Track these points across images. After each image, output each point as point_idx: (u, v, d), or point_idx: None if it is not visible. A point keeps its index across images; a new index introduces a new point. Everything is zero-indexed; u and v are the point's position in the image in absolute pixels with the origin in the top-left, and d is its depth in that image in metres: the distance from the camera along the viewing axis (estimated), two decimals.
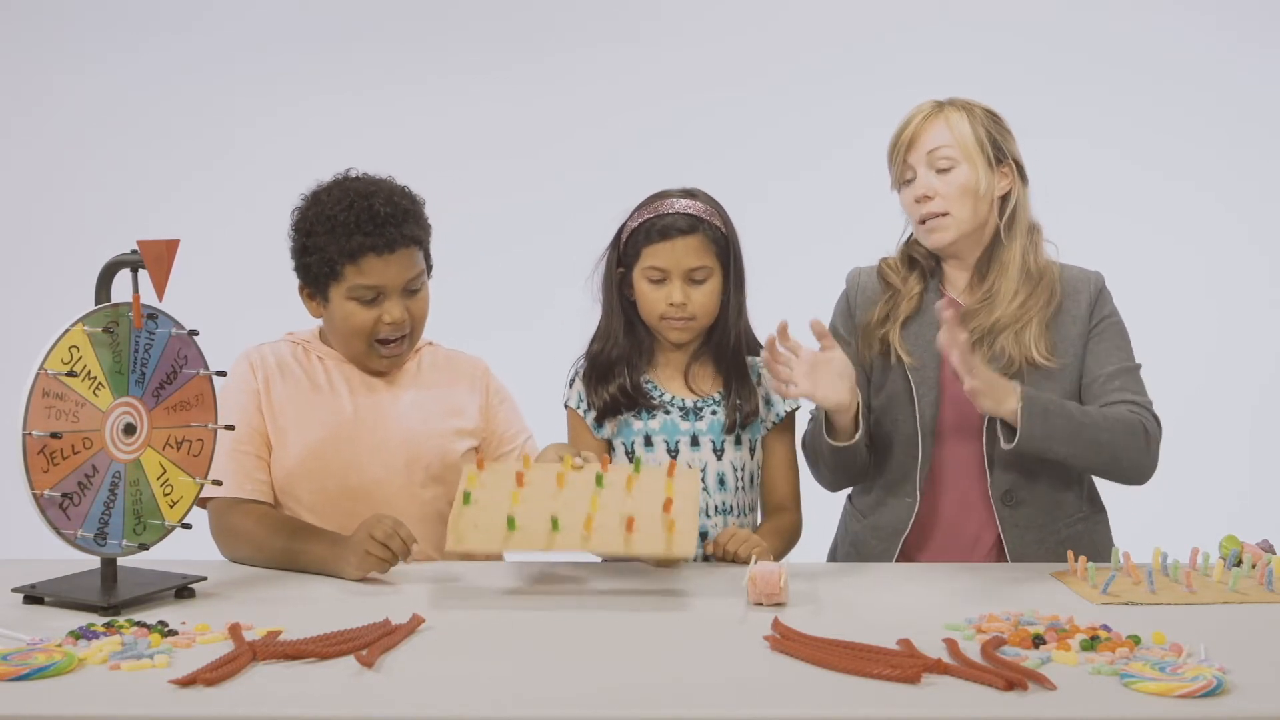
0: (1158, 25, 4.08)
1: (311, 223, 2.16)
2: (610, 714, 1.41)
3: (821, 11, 4.14)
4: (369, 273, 2.14)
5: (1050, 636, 1.62)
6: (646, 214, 2.23)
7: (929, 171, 2.18)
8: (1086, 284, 2.24)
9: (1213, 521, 2.54)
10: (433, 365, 2.32)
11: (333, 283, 2.16)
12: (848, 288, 2.34)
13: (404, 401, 2.24)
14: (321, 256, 2.15)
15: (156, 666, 1.52)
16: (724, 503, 2.25)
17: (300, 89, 4.16)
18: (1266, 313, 4.09)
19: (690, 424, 2.26)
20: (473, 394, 2.31)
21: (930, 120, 2.19)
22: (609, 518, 1.89)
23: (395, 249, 2.14)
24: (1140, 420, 2.13)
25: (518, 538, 1.80)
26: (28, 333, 1.89)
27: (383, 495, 2.18)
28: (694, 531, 1.90)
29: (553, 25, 4.19)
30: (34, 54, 4.19)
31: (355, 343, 2.20)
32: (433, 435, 2.23)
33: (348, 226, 2.12)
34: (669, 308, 2.21)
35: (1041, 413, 2.04)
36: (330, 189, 2.19)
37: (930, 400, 2.21)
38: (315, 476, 2.17)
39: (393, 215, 2.14)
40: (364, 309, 2.16)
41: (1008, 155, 2.20)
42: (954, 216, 2.18)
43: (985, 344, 2.18)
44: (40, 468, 1.71)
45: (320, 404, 2.20)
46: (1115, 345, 2.21)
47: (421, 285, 2.21)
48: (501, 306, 3.86)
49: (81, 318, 1.77)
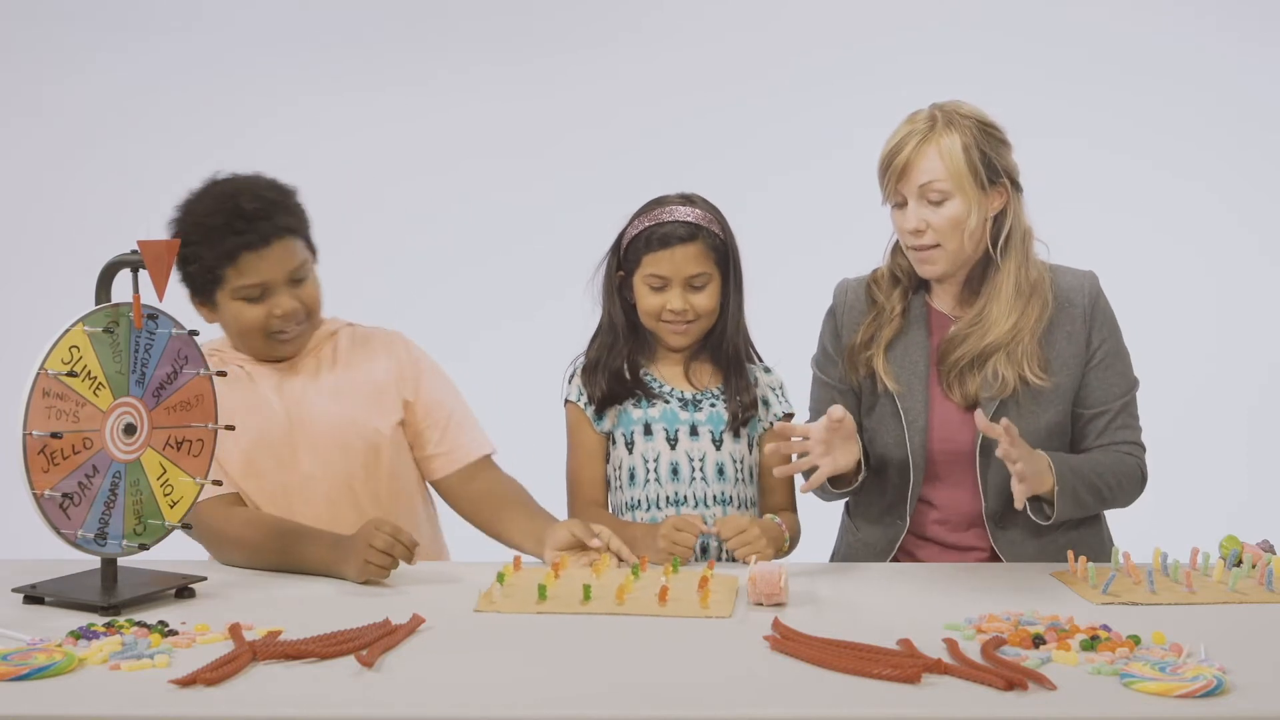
0: (1158, 25, 4.08)
1: (186, 232, 2.13)
2: (610, 714, 1.41)
3: (821, 12, 4.13)
4: (248, 271, 2.12)
5: (1050, 636, 1.62)
6: (646, 221, 2.23)
7: (920, 203, 2.12)
8: (1080, 292, 2.19)
9: (1213, 521, 2.54)
10: (350, 346, 2.29)
11: (217, 287, 2.14)
12: (834, 304, 2.31)
13: (326, 391, 2.22)
14: (201, 264, 2.13)
15: (156, 666, 1.52)
16: (723, 493, 2.25)
17: (300, 89, 4.15)
18: (1266, 313, 4.09)
19: (690, 414, 2.26)
20: (389, 367, 2.28)
21: (923, 148, 2.11)
22: (642, 590, 1.88)
23: (270, 242, 2.12)
24: (1139, 465, 2.20)
25: (548, 605, 1.80)
26: (28, 333, 1.89)
27: (319, 490, 2.17)
28: (730, 600, 1.85)
29: (553, 25, 4.19)
30: (34, 54, 4.19)
31: (252, 339, 2.18)
32: (358, 420, 2.21)
33: (219, 229, 2.11)
34: (669, 314, 2.22)
35: (1072, 493, 2.08)
36: (199, 196, 2.18)
37: (919, 427, 2.19)
38: (253, 478, 2.16)
39: (261, 209, 2.12)
40: (252, 306, 2.15)
41: (1001, 171, 2.14)
42: (945, 249, 2.13)
43: (976, 367, 2.16)
44: (40, 468, 1.71)
45: (249, 408, 2.16)
46: (1118, 374, 2.20)
47: (306, 274, 2.19)
48: (501, 306, 3.85)
49: (82, 318, 1.77)
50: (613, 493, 2.31)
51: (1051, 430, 2.18)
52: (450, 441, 2.29)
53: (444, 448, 2.29)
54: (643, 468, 2.26)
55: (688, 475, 2.25)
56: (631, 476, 2.26)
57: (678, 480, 2.25)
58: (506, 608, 1.79)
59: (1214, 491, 3.80)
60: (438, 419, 2.29)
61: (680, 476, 2.25)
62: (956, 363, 2.17)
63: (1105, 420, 2.20)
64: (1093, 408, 2.20)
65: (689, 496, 2.25)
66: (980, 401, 2.16)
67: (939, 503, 2.22)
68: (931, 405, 2.20)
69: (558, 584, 1.90)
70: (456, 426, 2.30)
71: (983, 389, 2.15)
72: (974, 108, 2.17)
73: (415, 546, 1.96)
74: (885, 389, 2.21)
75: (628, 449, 2.26)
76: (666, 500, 2.25)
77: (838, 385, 2.28)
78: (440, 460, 2.29)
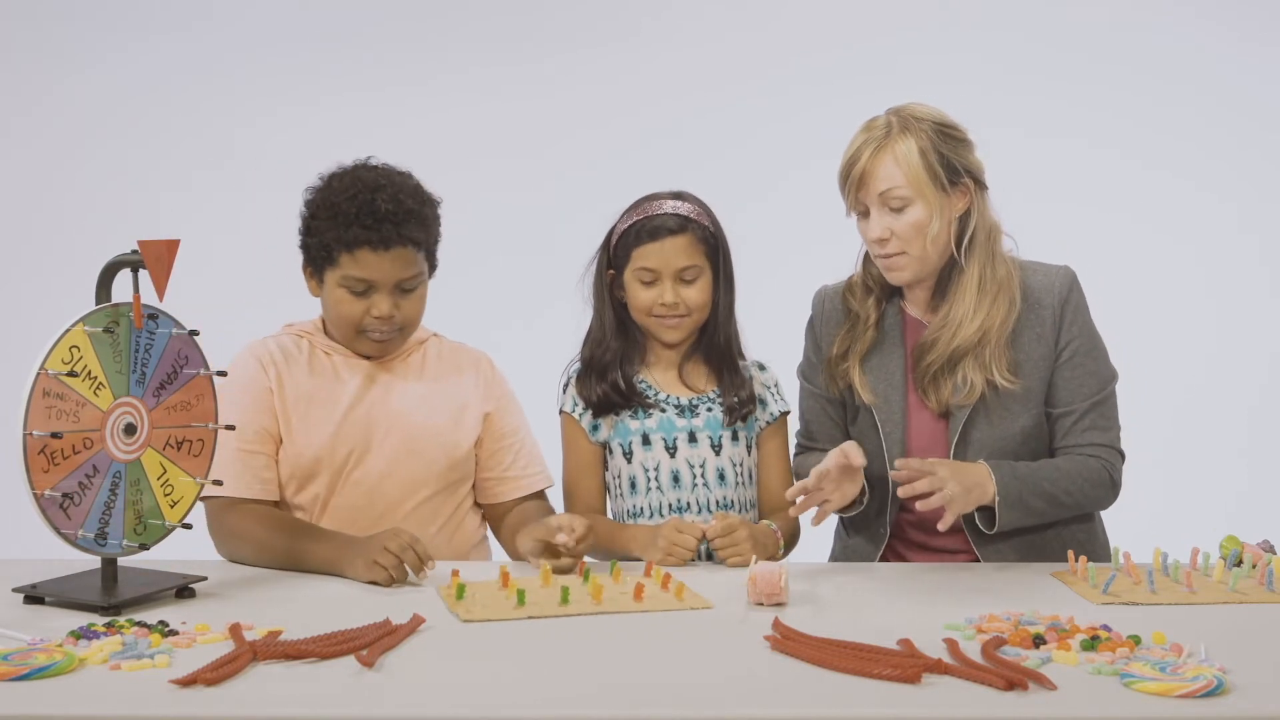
0: (1158, 25, 4.07)
1: (317, 206, 2.18)
2: (610, 714, 1.41)
3: (821, 12, 4.13)
4: (362, 266, 2.15)
5: (1050, 636, 1.62)
6: (636, 216, 2.23)
7: (882, 210, 2.11)
8: (1050, 291, 2.16)
9: (1213, 521, 2.54)
10: (438, 358, 2.32)
11: (328, 267, 2.18)
12: (813, 315, 2.31)
13: (410, 396, 2.25)
14: (320, 240, 2.17)
15: (157, 666, 1.52)
16: (724, 498, 2.25)
17: (300, 89, 4.15)
18: (1266, 312, 4.09)
19: (687, 421, 2.26)
20: (476, 388, 2.31)
21: (878, 156, 2.09)
22: (615, 591, 1.88)
23: (391, 246, 2.14)
24: (1105, 470, 2.16)
25: (528, 609, 1.79)
26: (28, 333, 1.89)
27: (383, 489, 2.19)
28: (699, 597, 1.86)
29: (553, 25, 4.19)
30: (34, 54, 4.19)
31: (344, 329, 2.22)
32: (437, 430, 2.24)
33: (348, 217, 2.13)
34: (661, 307, 2.21)
35: (1018, 501, 2.06)
36: (342, 175, 2.20)
37: (896, 439, 2.18)
38: (322, 470, 2.18)
39: (394, 213, 2.14)
40: (354, 299, 2.17)
41: (962, 171, 2.12)
42: (910, 255, 2.12)
43: (948, 372, 2.15)
44: (41, 468, 1.71)
45: (328, 399, 2.21)
46: (1087, 372, 2.16)
47: (417, 285, 2.21)
48: (501, 307, 3.85)
49: (82, 318, 1.77)
50: (614, 500, 2.31)
51: (1027, 435, 2.16)
52: (519, 469, 2.32)
53: (513, 473, 2.32)
54: (643, 476, 2.25)
55: (689, 482, 2.24)
56: (633, 485, 2.26)
57: (679, 487, 2.24)
58: (485, 615, 1.76)
59: (1214, 491, 3.80)
60: (512, 444, 2.32)
61: (682, 484, 2.24)
62: (929, 368, 2.15)
63: (1072, 420, 2.17)
64: (1060, 407, 2.17)
65: (691, 503, 2.24)
66: (951, 409, 2.15)
67: (920, 512, 2.20)
68: (909, 415, 2.19)
69: (535, 589, 1.88)
70: (527, 455, 2.34)
71: (954, 395, 2.14)
72: (930, 109, 2.14)
73: (429, 562, 1.96)
74: (864, 401, 2.20)
75: (626, 459, 2.26)
76: (669, 507, 2.24)
77: (824, 394, 2.28)
78: (507, 485, 2.32)
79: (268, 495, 2.16)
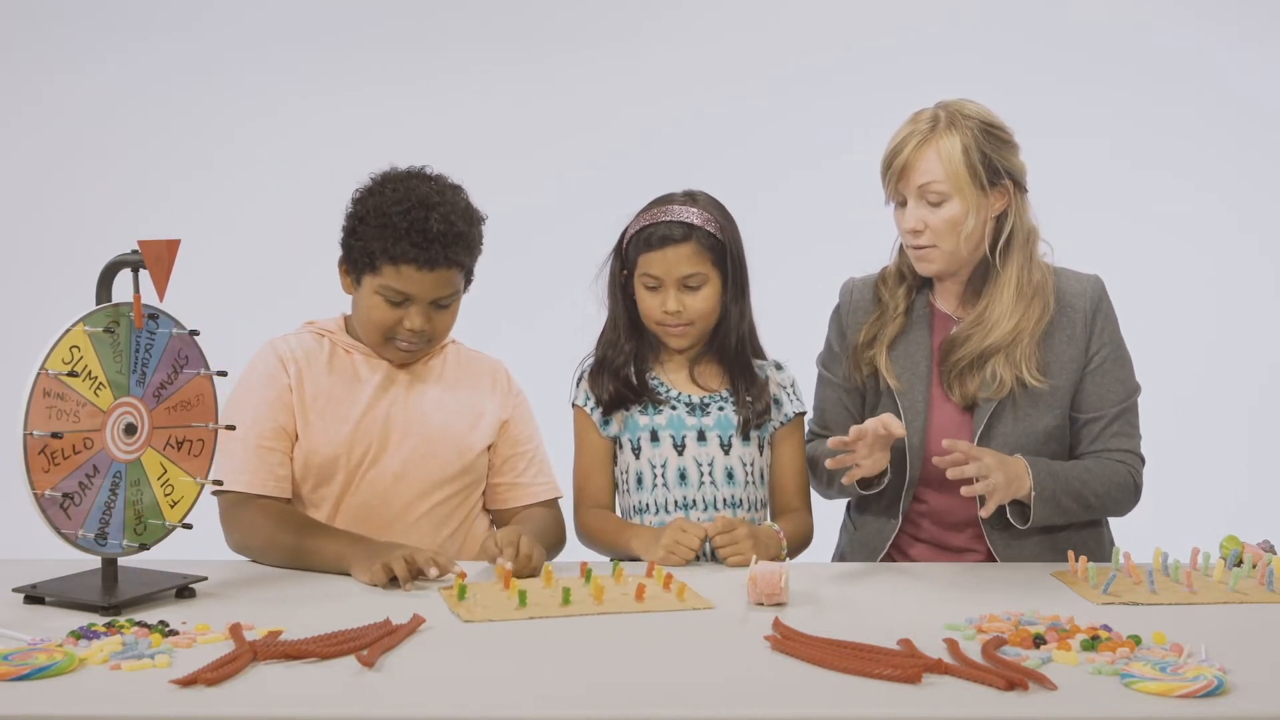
0: (1158, 25, 4.07)
1: (367, 210, 2.16)
2: (610, 714, 1.41)
3: (821, 12, 4.13)
4: (405, 280, 2.14)
5: (1051, 636, 1.62)
6: (644, 220, 2.23)
7: (919, 203, 2.13)
8: (1082, 296, 2.20)
9: (1213, 521, 2.54)
10: (456, 363, 2.33)
11: (368, 273, 2.17)
12: (840, 303, 2.33)
13: (429, 399, 2.26)
14: (365, 246, 2.16)
15: (157, 666, 1.52)
16: (733, 496, 2.25)
17: (300, 89, 4.15)
18: (1267, 312, 4.09)
19: (697, 419, 2.26)
20: (494, 396, 2.32)
21: (922, 149, 2.12)
22: (616, 592, 1.88)
23: (436, 267, 2.14)
24: (1132, 475, 2.18)
25: (530, 610, 1.79)
26: (28, 333, 1.89)
27: (397, 490, 2.20)
28: (700, 597, 1.86)
29: (553, 25, 4.19)
30: (33, 54, 4.19)
31: (373, 335, 2.21)
32: (454, 434, 2.25)
33: (398, 230, 2.12)
34: (665, 315, 2.21)
35: (1051, 498, 2.08)
36: (397, 184, 2.18)
37: (918, 426, 2.19)
38: (338, 469, 2.18)
39: (444, 234, 2.13)
40: (389, 308, 2.17)
41: (1003, 172, 2.14)
42: (941, 249, 2.14)
43: (976, 368, 2.16)
44: (41, 468, 1.71)
45: (347, 397, 2.21)
46: (1116, 379, 2.20)
47: (452, 301, 2.22)
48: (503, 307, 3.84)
49: (82, 318, 1.77)
50: (621, 495, 2.31)
51: (1050, 434, 2.18)
52: (530, 477, 2.33)
53: (524, 480, 2.33)
54: (650, 473, 2.25)
55: (696, 480, 2.24)
56: (639, 481, 2.26)
57: (686, 485, 2.24)
58: (486, 615, 1.77)
59: (1214, 491, 3.79)
60: (526, 451, 2.33)
61: (688, 481, 2.24)
62: (957, 363, 2.17)
63: (1100, 426, 2.19)
64: (1088, 413, 2.19)
65: (698, 500, 2.24)
66: (978, 402, 2.17)
67: (935, 503, 2.22)
68: (931, 405, 2.20)
69: (537, 590, 1.88)
70: (539, 465, 2.35)
71: (981, 390, 2.15)
72: (980, 107, 2.17)
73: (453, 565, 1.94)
74: (887, 387, 2.21)
75: (634, 454, 2.26)
76: (675, 504, 2.24)
77: (843, 384, 2.29)
78: (517, 491, 2.32)
79: (281, 492, 2.17)
